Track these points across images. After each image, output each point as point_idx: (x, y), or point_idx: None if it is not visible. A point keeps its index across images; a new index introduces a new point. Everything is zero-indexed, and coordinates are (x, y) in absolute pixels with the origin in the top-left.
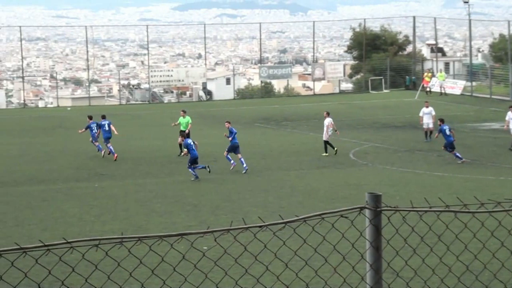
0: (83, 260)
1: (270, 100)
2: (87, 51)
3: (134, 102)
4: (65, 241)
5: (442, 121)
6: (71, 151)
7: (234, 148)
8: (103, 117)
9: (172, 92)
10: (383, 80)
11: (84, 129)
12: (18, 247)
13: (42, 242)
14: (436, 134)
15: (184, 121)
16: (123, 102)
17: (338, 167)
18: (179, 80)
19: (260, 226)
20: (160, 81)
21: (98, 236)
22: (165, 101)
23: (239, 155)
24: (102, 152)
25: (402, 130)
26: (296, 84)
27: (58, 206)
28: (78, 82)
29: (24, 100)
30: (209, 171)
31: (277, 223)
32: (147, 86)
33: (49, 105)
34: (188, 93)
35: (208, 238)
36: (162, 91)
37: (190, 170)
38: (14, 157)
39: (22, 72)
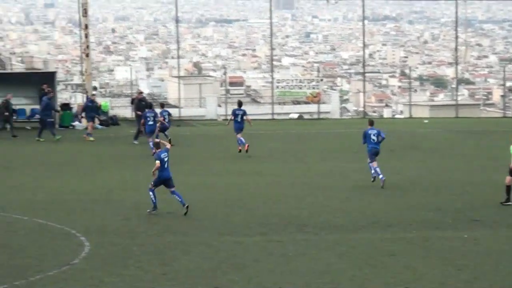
0: None
1: None
2: (456, 37)
3: None
4: None
5: None
6: (431, 183)
7: (373, 155)
8: (240, 104)
9: None
10: None
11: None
12: None
13: None
14: None
15: None
16: (509, 113)
17: None
18: None
19: None
20: None
21: None
22: None
23: (374, 164)
24: (239, 148)
25: None
26: None
27: (407, 263)
28: (439, 83)
29: (364, 107)
30: (186, 213)
31: None
32: None
33: (397, 115)
34: None
35: None
36: None
37: (150, 192)
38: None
39: (363, 67)
